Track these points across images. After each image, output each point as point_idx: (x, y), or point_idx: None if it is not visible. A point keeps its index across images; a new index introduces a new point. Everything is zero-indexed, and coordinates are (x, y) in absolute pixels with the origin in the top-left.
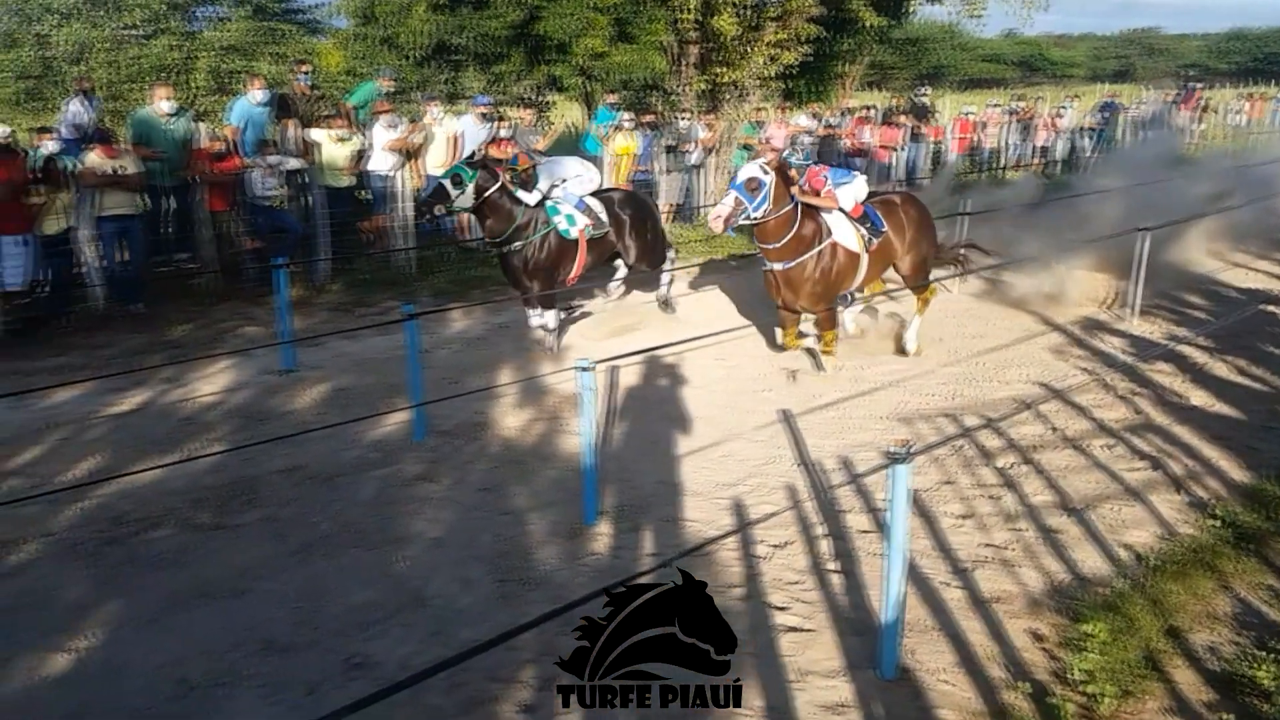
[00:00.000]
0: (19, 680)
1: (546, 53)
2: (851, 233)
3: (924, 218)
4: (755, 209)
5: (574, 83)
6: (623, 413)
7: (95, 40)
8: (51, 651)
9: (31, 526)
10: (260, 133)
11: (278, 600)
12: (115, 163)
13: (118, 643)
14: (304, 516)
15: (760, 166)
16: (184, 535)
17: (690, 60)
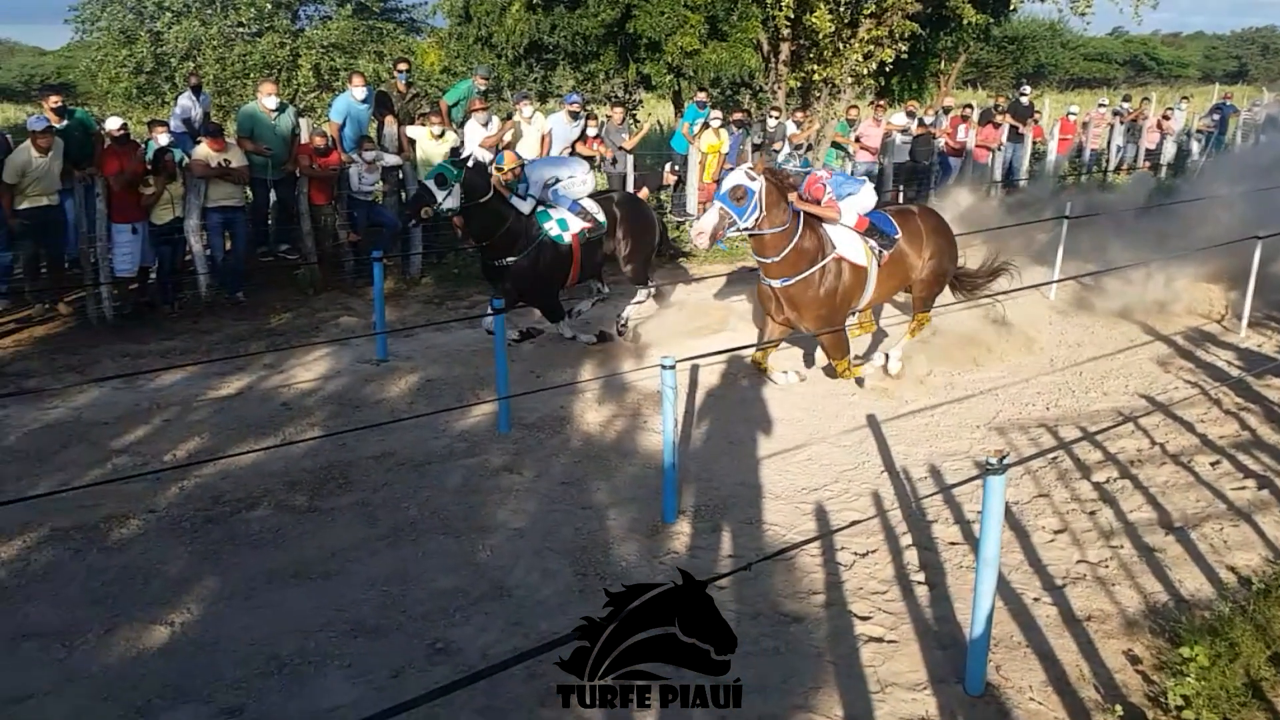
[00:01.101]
0: (122, 649)
1: (638, 51)
2: (858, 245)
3: (943, 232)
4: (744, 219)
5: (664, 81)
6: (704, 412)
7: (206, 37)
8: (153, 623)
9: (137, 503)
10: (360, 129)
11: (367, 583)
12: (223, 156)
13: (214, 618)
14: (394, 502)
15: (746, 172)
16: (280, 516)
17: (783, 57)
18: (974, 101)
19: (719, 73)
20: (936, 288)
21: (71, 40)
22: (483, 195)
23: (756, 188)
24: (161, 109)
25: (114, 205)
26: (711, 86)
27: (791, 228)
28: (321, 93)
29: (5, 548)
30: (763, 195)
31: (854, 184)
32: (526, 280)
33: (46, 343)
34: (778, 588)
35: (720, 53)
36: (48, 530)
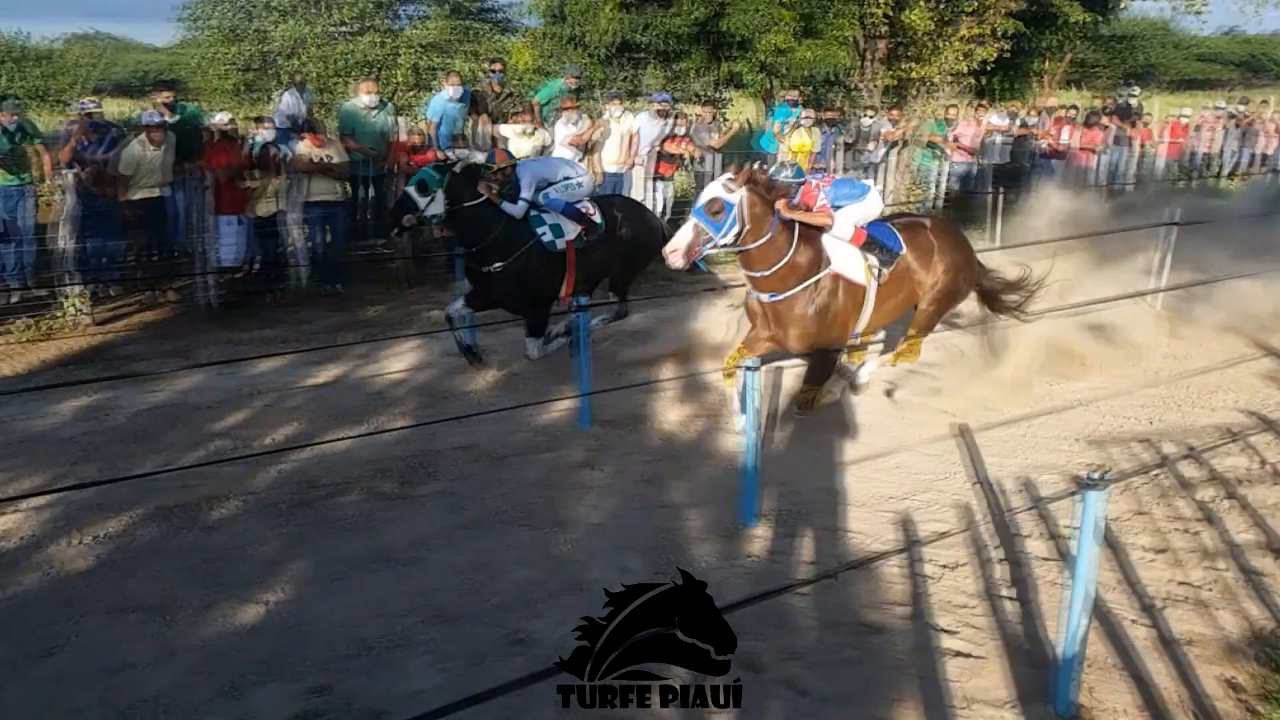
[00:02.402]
0: (218, 626)
1: (728, 49)
2: (856, 261)
3: (959, 248)
4: (722, 235)
5: (754, 79)
6: (786, 415)
7: (308, 36)
8: (247, 601)
9: (234, 485)
10: (453, 127)
11: (450, 570)
12: (322, 152)
13: (304, 599)
14: (477, 492)
15: (724, 184)
16: (369, 502)
17: (877, 55)
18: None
19: (810, 71)
20: (944, 309)
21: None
22: (469, 201)
23: (736, 200)
24: (265, 105)
25: (219, 198)
26: (802, 84)
27: (781, 239)
28: (417, 91)
29: (112, 523)
30: (744, 208)
31: (855, 190)
32: (512, 287)
33: (154, 328)
34: (859, 597)
35: (813, 50)
36: (152, 508)
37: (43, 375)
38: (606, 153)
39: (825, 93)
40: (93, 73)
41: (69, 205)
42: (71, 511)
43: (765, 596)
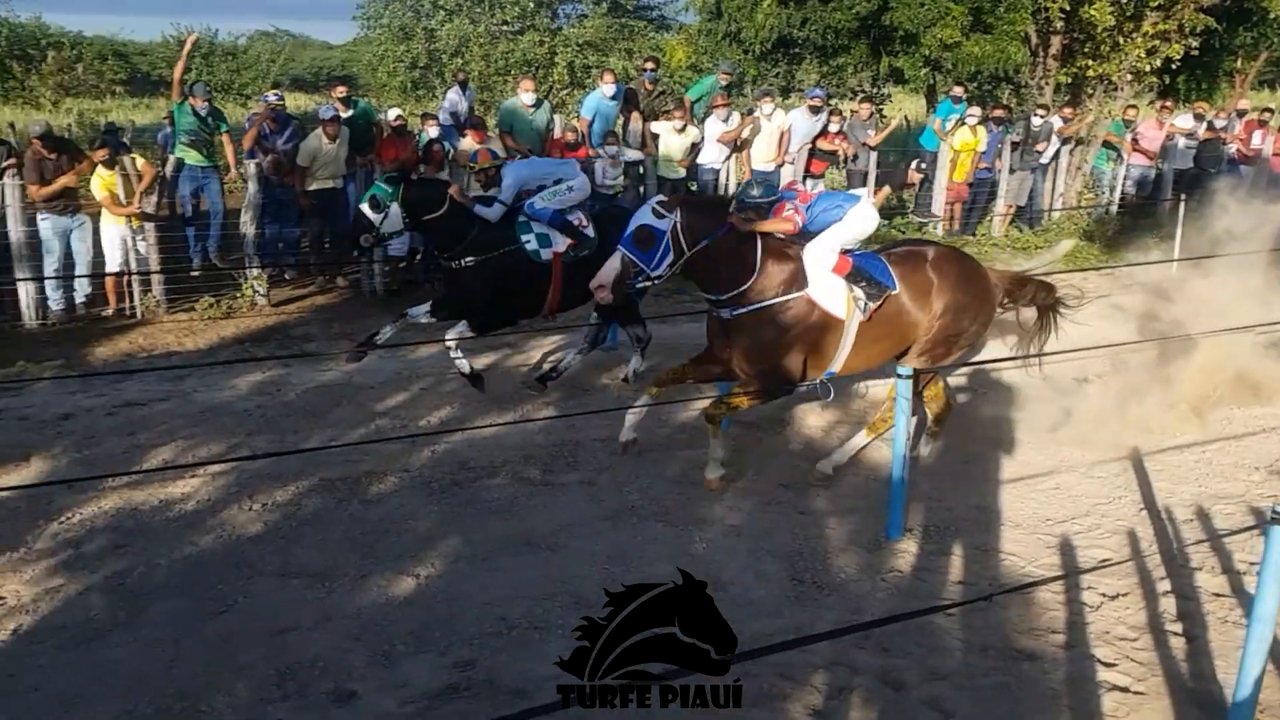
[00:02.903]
0: (374, 595)
1: (892, 44)
2: (838, 291)
3: (967, 284)
4: (655, 267)
5: (918, 75)
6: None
7: (474, 35)
8: (401, 574)
9: (393, 462)
10: (607, 125)
11: (589, 559)
12: (484, 148)
13: (453, 575)
14: (616, 485)
15: (653, 209)
16: (515, 487)
17: (1052, 51)
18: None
19: (979, 67)
20: (943, 356)
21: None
22: (434, 210)
23: (666, 227)
24: (431, 102)
25: None
26: (968, 81)
27: (740, 255)
28: (573, 89)
29: (280, 492)
30: (679, 234)
31: (840, 206)
32: (480, 283)
33: (325, 311)
34: (1012, 621)
35: (983, 45)
36: (317, 480)
37: (223, 351)
38: (757, 150)
39: (993, 89)
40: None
41: (251, 193)
42: (245, 479)
43: (914, 615)
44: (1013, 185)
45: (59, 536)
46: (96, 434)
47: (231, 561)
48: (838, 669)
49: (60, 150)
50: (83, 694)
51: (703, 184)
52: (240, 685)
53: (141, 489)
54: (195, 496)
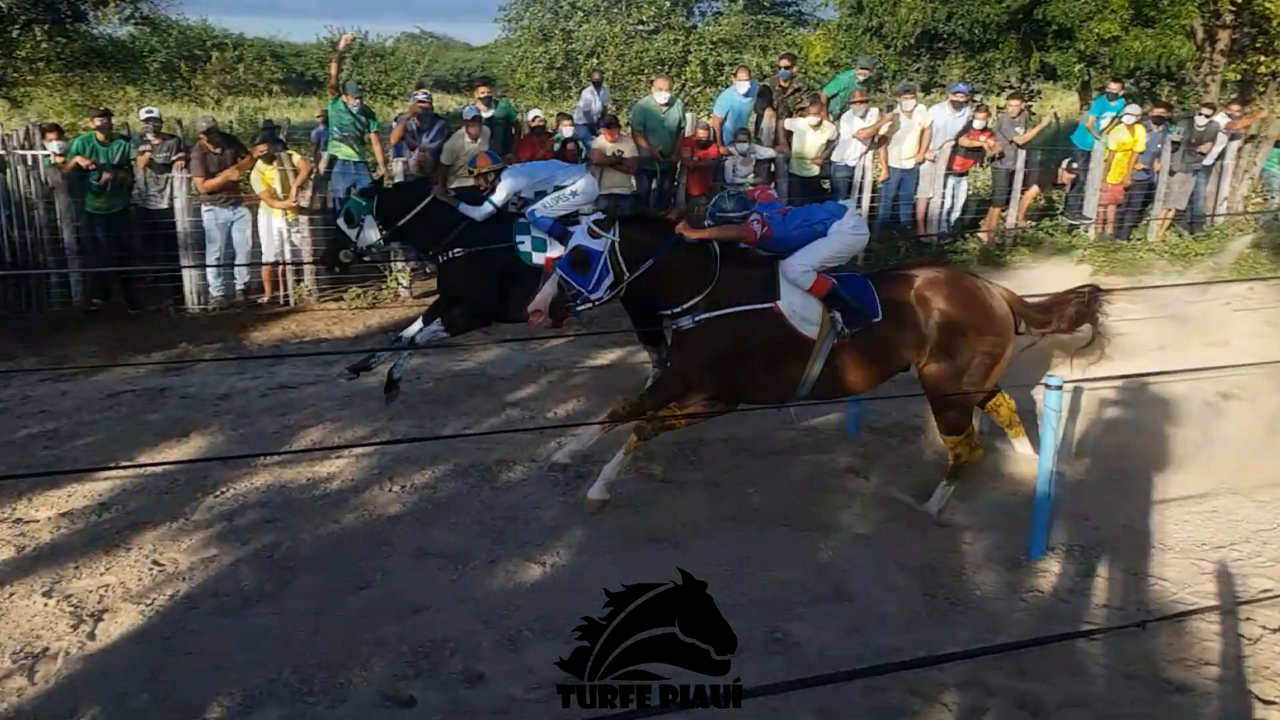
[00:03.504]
0: (502, 580)
1: (1044, 38)
2: (811, 309)
3: (965, 309)
4: (595, 289)
5: (1072, 71)
6: (1088, 441)
7: (610, 35)
8: (528, 561)
9: (523, 452)
10: (740, 122)
11: (711, 558)
12: (617, 146)
13: (579, 565)
14: (739, 486)
15: (589, 228)
16: (638, 483)
17: (1220, 46)
18: None
19: (1139, 62)
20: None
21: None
22: (409, 212)
23: (602, 247)
24: (566, 102)
25: None
26: (1126, 77)
27: (687, 262)
28: (706, 87)
29: (418, 476)
30: (617, 254)
31: (824, 221)
32: (463, 276)
33: None
34: (1162, 651)
35: (1144, 40)
36: (452, 465)
37: (369, 339)
38: (896, 147)
39: (1151, 86)
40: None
41: None
42: (385, 462)
43: (1058, 639)
44: (1173, 188)
45: (214, 509)
46: (251, 414)
47: (371, 540)
48: (971, 689)
49: (225, 145)
50: (233, 659)
51: (837, 182)
52: (376, 660)
53: (291, 467)
54: (340, 476)
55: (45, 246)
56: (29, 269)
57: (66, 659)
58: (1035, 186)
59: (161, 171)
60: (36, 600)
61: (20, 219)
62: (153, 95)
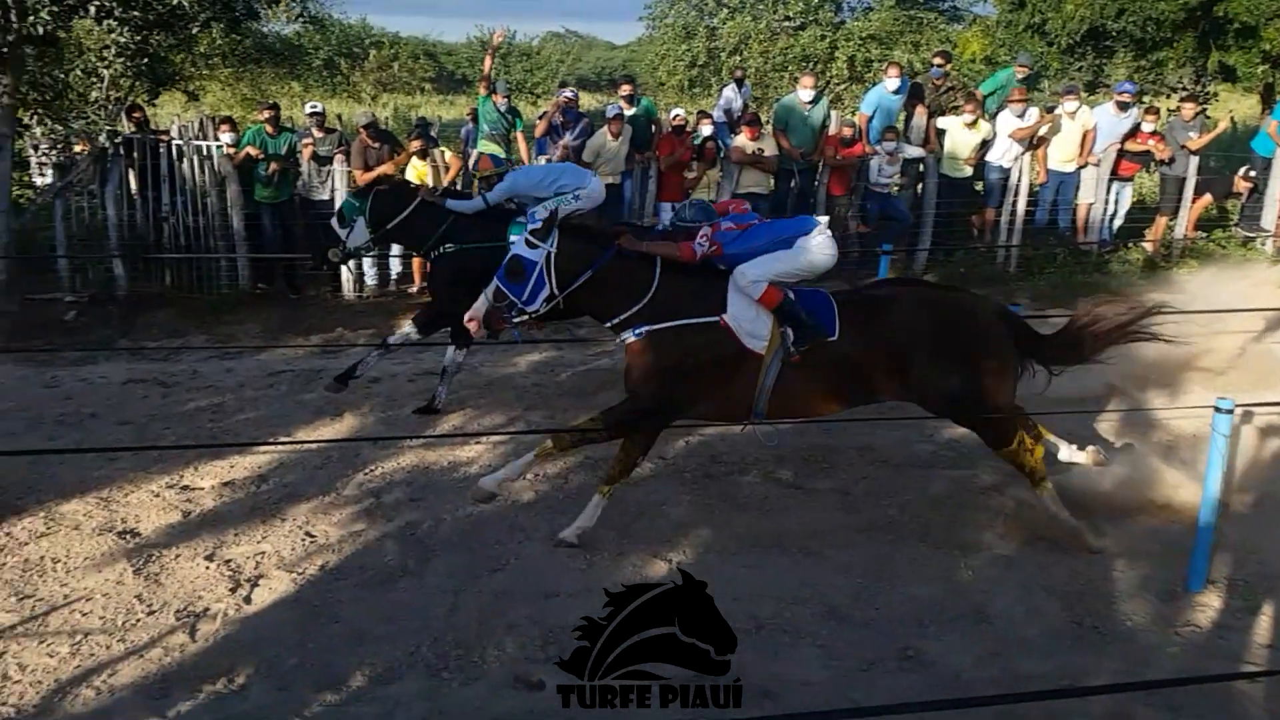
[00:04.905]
0: (627, 574)
1: (1224, 37)
2: (760, 323)
3: (948, 333)
4: (531, 302)
5: (1254, 72)
6: (1254, 469)
7: (754, 32)
8: (654, 558)
9: (650, 449)
10: (888, 120)
11: (843, 569)
12: (757, 145)
13: (704, 565)
14: (873, 497)
15: (526, 238)
16: (766, 486)
17: None
18: None
19: None
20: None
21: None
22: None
23: (538, 258)
24: (706, 100)
25: (662, 186)
26: None
27: (627, 272)
28: (853, 84)
29: (550, 465)
30: (552, 265)
31: (787, 236)
32: (449, 272)
33: None
34: None
35: None
36: (582, 457)
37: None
38: (1056, 149)
39: None
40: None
41: None
42: (520, 450)
43: (1217, 679)
44: None
45: (362, 486)
46: (398, 398)
47: (506, 525)
48: None
49: (382, 141)
50: (374, 631)
51: (990, 184)
52: (508, 642)
53: (434, 450)
54: (477, 461)
55: (215, 232)
56: (201, 253)
57: (224, 620)
58: (1208, 195)
59: (323, 164)
60: (199, 563)
61: (193, 206)
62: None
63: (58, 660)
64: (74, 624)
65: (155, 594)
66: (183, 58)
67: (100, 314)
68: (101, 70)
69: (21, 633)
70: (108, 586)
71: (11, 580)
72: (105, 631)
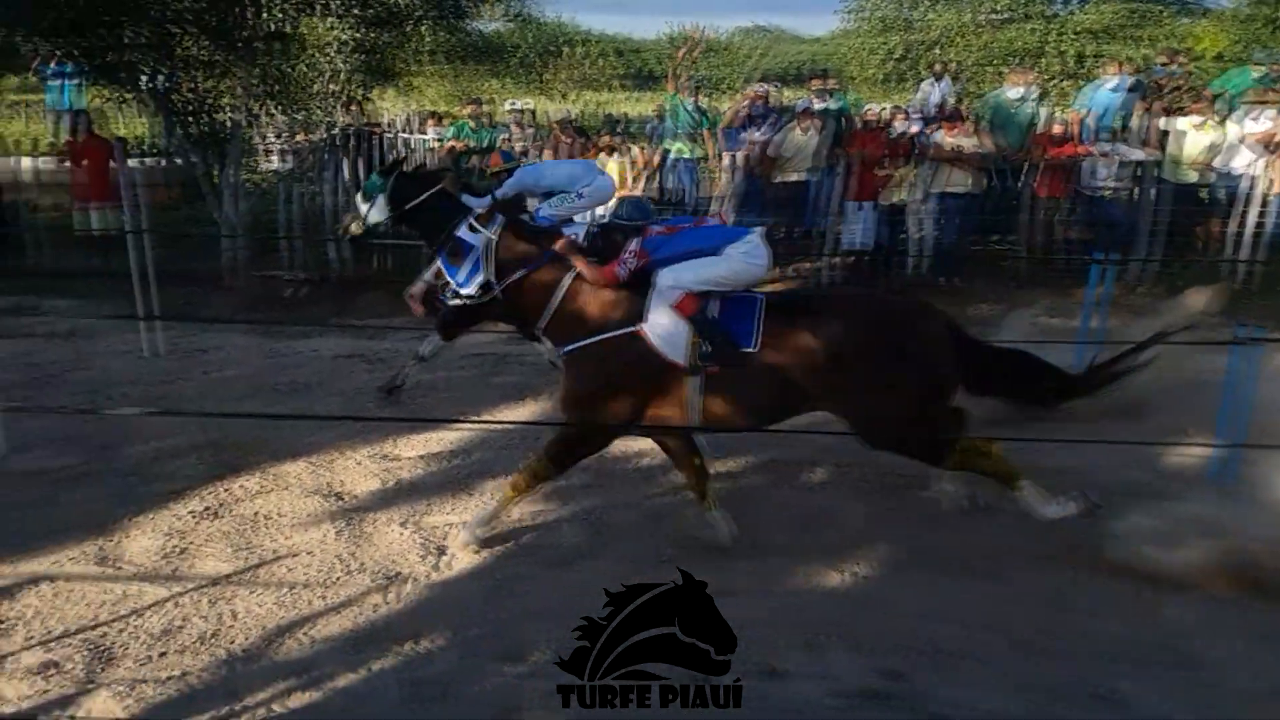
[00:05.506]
0: (799, 580)
1: None
2: (678, 333)
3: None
4: (465, 283)
5: None
6: None
7: (959, 26)
8: (828, 567)
9: (833, 455)
10: (1107, 119)
11: (1030, 598)
12: (957, 142)
13: (882, 578)
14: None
15: (470, 224)
16: None
17: None
18: None
19: None
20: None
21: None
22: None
23: (478, 242)
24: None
25: (857, 184)
26: None
27: (547, 280)
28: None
29: (720, 463)
30: (490, 253)
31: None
32: None
33: None
34: None
35: None
36: (754, 459)
37: None
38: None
39: None
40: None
41: (735, 182)
42: None
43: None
44: None
45: None
46: None
47: (675, 516)
48: None
49: (576, 136)
50: (550, 609)
51: (1216, 191)
52: None
53: None
54: (651, 453)
55: None
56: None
57: (415, 585)
58: None
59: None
60: (395, 529)
61: None
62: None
63: (266, 610)
64: (282, 577)
65: (356, 554)
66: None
67: (317, 293)
68: (325, 65)
69: (237, 582)
70: (313, 544)
71: (230, 533)
72: (309, 586)
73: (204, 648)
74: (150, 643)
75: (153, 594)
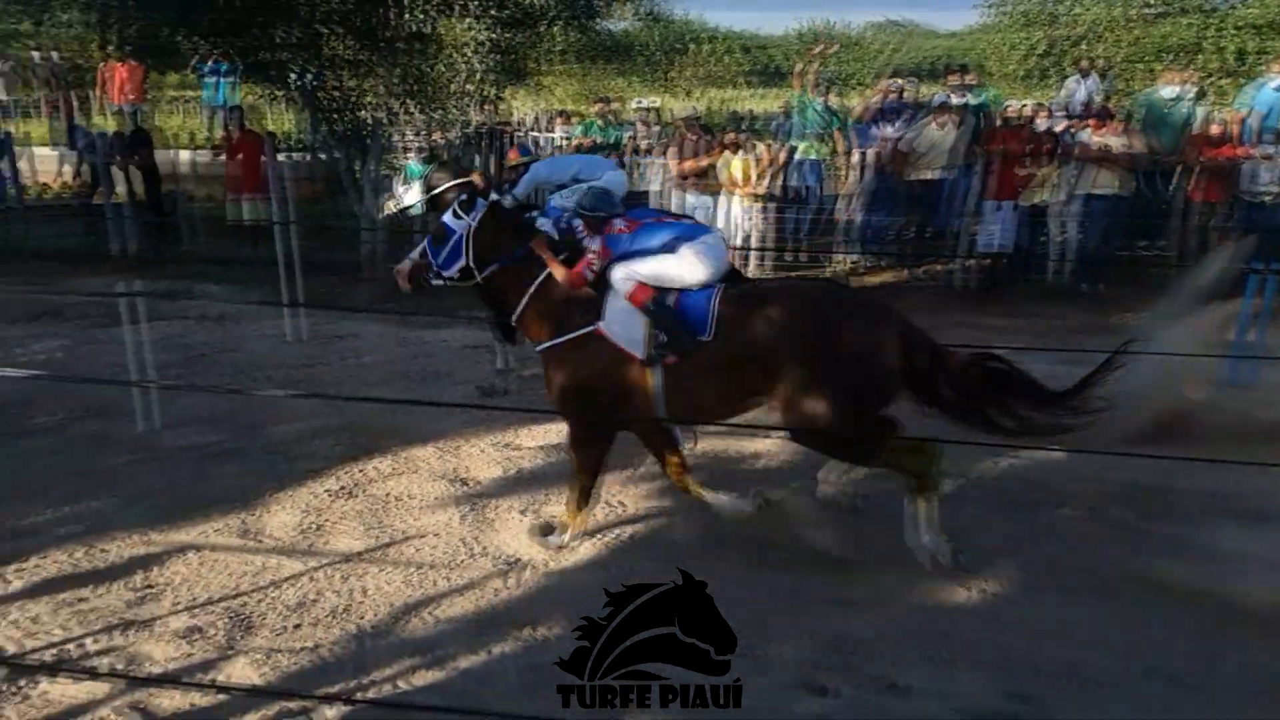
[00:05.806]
0: (924, 595)
1: None
2: (634, 325)
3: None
4: (446, 266)
5: None
6: None
7: (1108, 20)
8: (960, 584)
9: (966, 466)
10: (1273, 120)
11: (1181, 633)
12: (1104, 141)
13: (1016, 600)
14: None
15: (454, 209)
16: (1091, 524)
17: None
18: None
19: None
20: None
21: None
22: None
23: (459, 229)
24: (1045, 92)
25: (996, 183)
26: None
27: (519, 277)
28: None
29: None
30: (471, 240)
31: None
32: None
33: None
34: None
35: None
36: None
37: None
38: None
39: None
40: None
41: (865, 180)
42: None
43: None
44: None
45: (657, 466)
46: None
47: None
48: None
49: (701, 134)
50: None
51: None
52: (794, 641)
53: (723, 439)
54: (765, 455)
55: None
56: None
57: (534, 572)
58: None
59: (647, 155)
60: (516, 515)
61: None
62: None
63: (394, 588)
64: (410, 557)
65: (479, 539)
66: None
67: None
68: (462, 65)
69: (369, 559)
70: (440, 527)
71: (363, 512)
72: (435, 567)
73: (335, 622)
74: (286, 614)
75: (290, 567)
